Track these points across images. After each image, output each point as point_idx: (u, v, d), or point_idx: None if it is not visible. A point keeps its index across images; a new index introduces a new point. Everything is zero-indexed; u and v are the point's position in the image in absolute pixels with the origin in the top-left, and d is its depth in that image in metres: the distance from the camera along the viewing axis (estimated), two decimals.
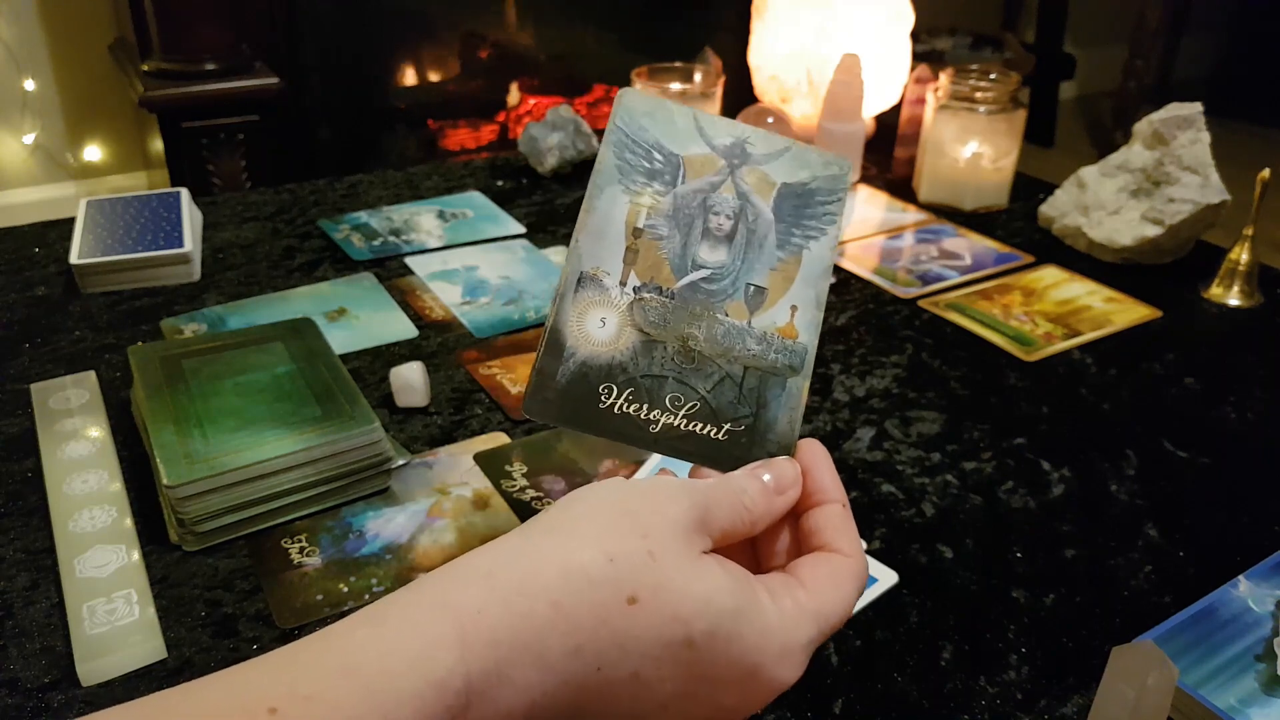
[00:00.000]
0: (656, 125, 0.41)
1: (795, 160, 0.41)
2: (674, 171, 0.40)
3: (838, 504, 0.38)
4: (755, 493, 0.37)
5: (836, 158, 0.42)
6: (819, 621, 0.35)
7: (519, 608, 0.31)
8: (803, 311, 0.40)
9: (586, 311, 0.39)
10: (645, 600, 0.32)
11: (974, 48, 2.76)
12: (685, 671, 0.33)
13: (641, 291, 0.39)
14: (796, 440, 0.39)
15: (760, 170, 0.41)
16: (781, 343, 0.40)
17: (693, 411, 0.39)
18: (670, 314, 0.39)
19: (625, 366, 0.39)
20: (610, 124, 0.40)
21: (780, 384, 0.40)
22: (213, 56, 1.73)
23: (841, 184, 0.42)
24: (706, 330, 0.39)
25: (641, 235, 0.40)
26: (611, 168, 0.40)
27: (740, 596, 0.34)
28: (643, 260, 0.40)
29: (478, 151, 2.18)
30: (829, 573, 0.36)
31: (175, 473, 0.51)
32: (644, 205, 0.40)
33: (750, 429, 0.39)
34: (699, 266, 0.40)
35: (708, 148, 0.41)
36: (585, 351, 0.38)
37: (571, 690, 0.32)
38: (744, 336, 0.40)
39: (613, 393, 0.38)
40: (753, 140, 0.41)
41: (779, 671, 0.34)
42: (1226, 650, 0.47)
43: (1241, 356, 0.76)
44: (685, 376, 0.39)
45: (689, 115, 0.41)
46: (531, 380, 0.38)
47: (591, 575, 0.32)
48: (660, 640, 0.32)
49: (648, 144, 0.40)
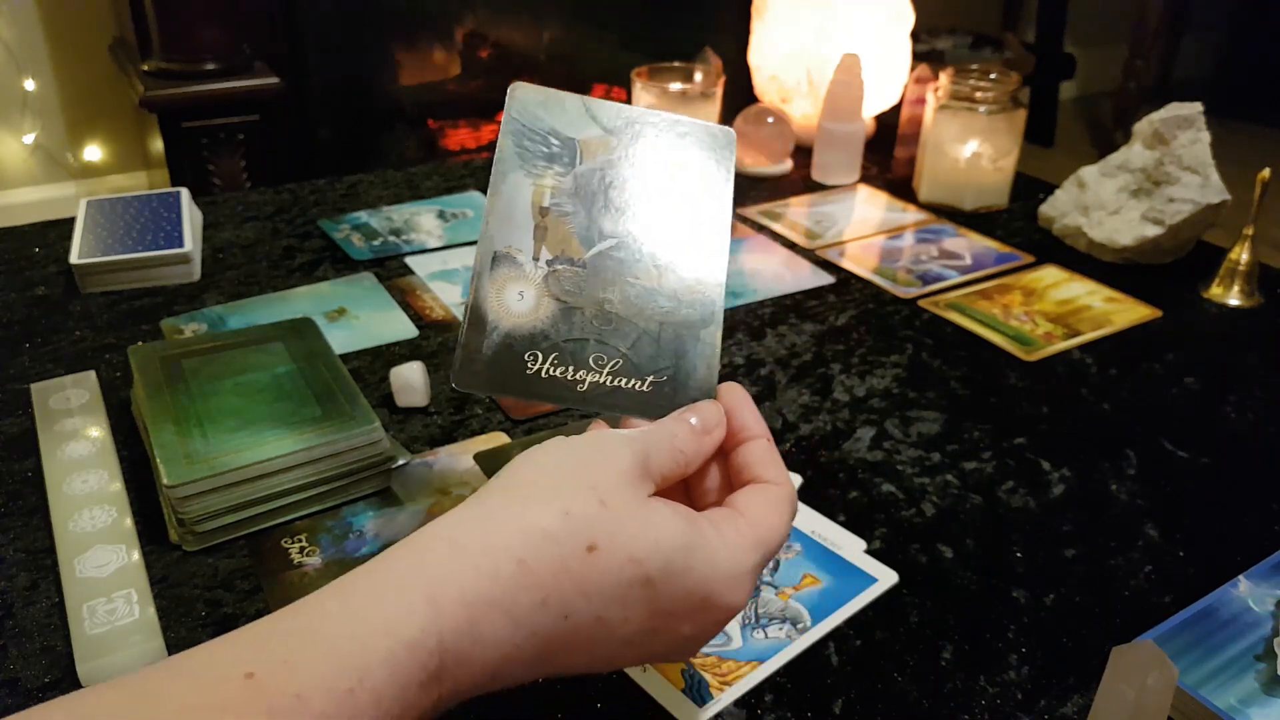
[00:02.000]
0: (550, 113, 0.44)
1: (683, 132, 0.45)
2: (571, 154, 0.44)
3: (762, 439, 0.41)
4: (685, 435, 0.40)
5: (722, 127, 0.46)
6: (760, 547, 0.38)
7: (486, 568, 0.32)
8: (706, 265, 0.43)
9: (505, 287, 0.41)
10: (603, 547, 0.34)
11: (974, 48, 2.76)
12: (646, 608, 0.35)
13: (555, 264, 0.42)
14: (716, 385, 0.42)
15: (652, 145, 0.44)
16: (691, 298, 0.43)
17: (616, 368, 0.42)
18: (584, 281, 0.42)
19: (547, 333, 0.41)
20: (505, 115, 0.44)
21: (694, 335, 0.43)
22: (213, 56, 1.73)
23: (728, 151, 0.45)
24: (619, 293, 0.42)
25: (548, 214, 0.43)
26: (512, 155, 0.43)
27: (688, 532, 0.36)
28: (552, 236, 0.42)
29: (478, 151, 2.18)
30: (763, 500, 0.39)
31: (175, 473, 0.51)
32: (547, 186, 0.43)
33: (672, 379, 0.42)
34: (605, 237, 0.43)
35: (600, 130, 0.44)
36: (507, 324, 0.41)
37: (540, 640, 0.33)
38: (655, 296, 0.43)
39: (538, 359, 0.41)
40: (640, 119, 0.45)
41: (730, 597, 0.36)
42: (1226, 650, 0.47)
43: (1241, 356, 0.76)
44: (605, 337, 0.42)
45: (578, 101, 0.45)
46: (459, 354, 0.41)
47: (550, 530, 0.34)
48: (621, 582, 0.34)
49: (544, 131, 0.44)
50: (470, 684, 0.32)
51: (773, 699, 0.45)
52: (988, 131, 0.99)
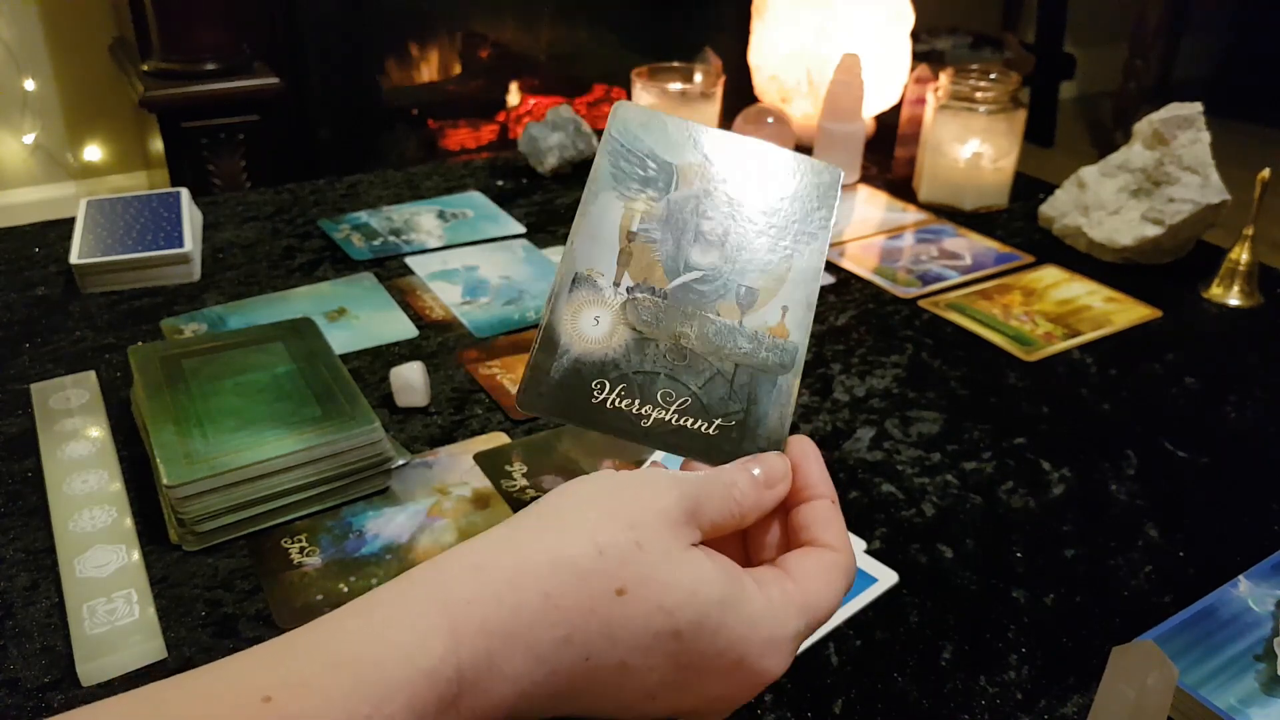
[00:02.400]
0: (651, 135, 0.42)
1: (786, 167, 0.43)
2: (668, 179, 0.42)
3: (826, 499, 0.39)
4: (745, 486, 0.37)
5: (828, 166, 0.43)
6: (806, 614, 0.35)
7: (510, 599, 0.31)
8: (793, 312, 0.41)
9: (581, 310, 0.40)
10: (633, 591, 0.32)
11: (974, 48, 2.76)
12: (672, 661, 0.33)
13: (635, 291, 0.40)
14: (786, 436, 0.40)
15: (752, 177, 0.42)
16: (772, 341, 0.41)
17: (684, 407, 0.40)
18: (663, 313, 0.40)
19: (618, 363, 0.40)
20: (605, 134, 0.42)
21: (771, 381, 0.40)
22: (213, 56, 1.73)
23: (832, 191, 0.43)
24: (698, 329, 0.40)
25: (635, 239, 0.41)
26: (607, 175, 0.41)
27: (727, 587, 0.34)
28: (636, 262, 0.41)
29: (478, 151, 2.18)
30: (817, 566, 0.37)
31: (175, 473, 0.51)
32: (638, 210, 0.41)
33: (741, 424, 0.40)
34: (691, 268, 0.41)
35: (701, 157, 0.42)
36: (579, 348, 0.40)
37: (560, 679, 0.32)
38: (735, 335, 0.41)
39: (605, 388, 0.39)
40: (745, 148, 0.43)
41: (765, 662, 0.34)
42: (1226, 650, 0.47)
43: (1241, 356, 0.76)
44: (677, 373, 0.40)
45: (682, 125, 0.42)
46: (526, 375, 0.39)
47: (581, 567, 0.32)
48: (648, 631, 0.32)
49: (642, 153, 0.42)
50: (486, 716, 0.31)
51: (773, 699, 0.45)
52: (988, 131, 0.99)
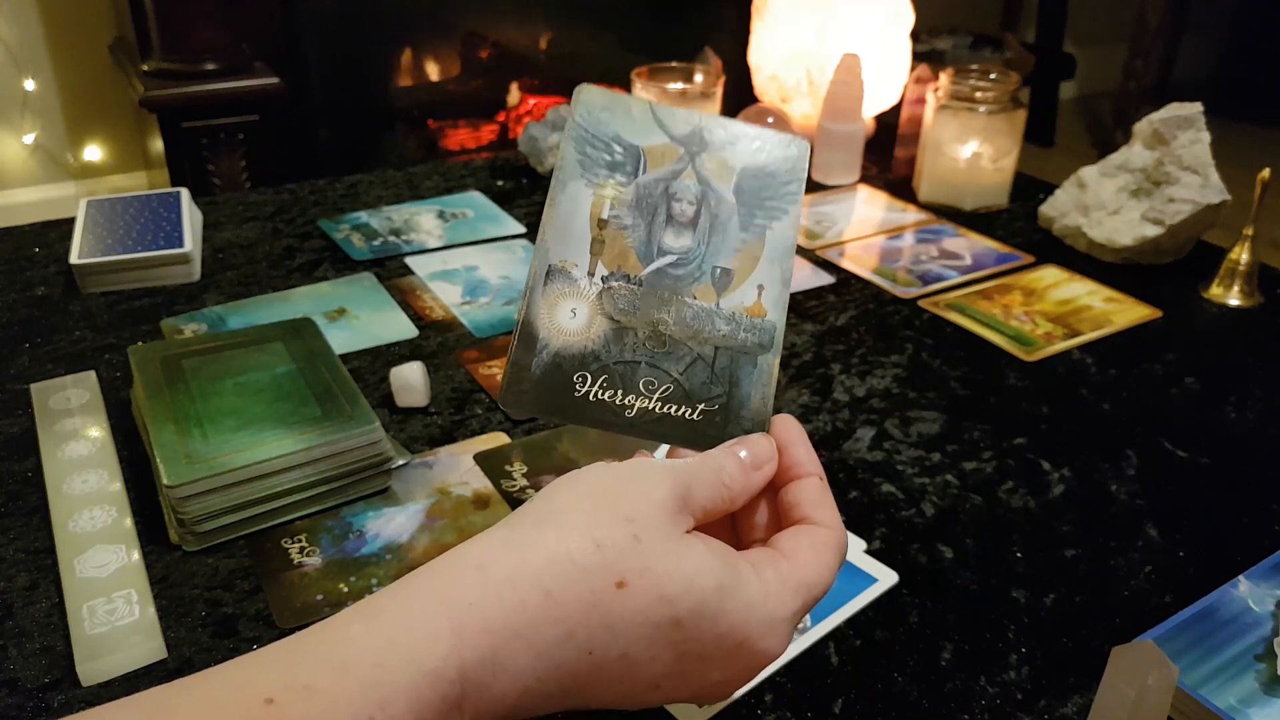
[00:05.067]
0: (615, 118, 0.42)
1: (753, 144, 0.42)
2: (635, 162, 0.41)
3: (814, 477, 0.39)
4: (733, 469, 0.38)
5: (795, 138, 0.43)
6: (802, 592, 0.36)
7: (511, 598, 0.32)
8: (769, 290, 0.41)
9: (557, 303, 0.40)
10: (633, 583, 0.33)
11: (974, 48, 2.76)
12: (674, 650, 0.33)
13: (610, 280, 0.40)
14: (770, 416, 0.40)
15: (719, 156, 0.42)
16: (750, 321, 0.41)
17: (667, 394, 0.40)
18: (639, 300, 0.40)
19: (598, 354, 0.40)
20: (569, 120, 0.41)
21: (751, 362, 0.40)
22: (213, 56, 1.73)
23: (801, 164, 0.43)
24: (676, 314, 0.40)
25: (606, 226, 0.41)
26: (574, 162, 0.41)
27: (724, 573, 0.34)
28: (609, 250, 0.40)
29: (478, 151, 2.18)
30: (810, 544, 0.37)
31: (175, 473, 0.51)
32: (607, 196, 0.41)
33: (724, 408, 0.40)
34: (665, 253, 0.41)
35: (666, 137, 0.42)
36: (558, 342, 0.39)
37: (564, 674, 0.32)
38: (713, 318, 0.40)
39: (587, 381, 0.39)
40: (710, 127, 0.42)
41: (765, 644, 0.35)
42: (1226, 650, 0.47)
43: (1241, 356, 0.76)
44: (657, 360, 0.40)
45: (646, 107, 0.42)
46: (507, 373, 0.39)
47: (580, 562, 0.33)
48: (649, 621, 0.33)
49: (608, 137, 0.41)
50: (490, 714, 0.32)
51: (773, 699, 0.45)
52: (988, 131, 0.99)
